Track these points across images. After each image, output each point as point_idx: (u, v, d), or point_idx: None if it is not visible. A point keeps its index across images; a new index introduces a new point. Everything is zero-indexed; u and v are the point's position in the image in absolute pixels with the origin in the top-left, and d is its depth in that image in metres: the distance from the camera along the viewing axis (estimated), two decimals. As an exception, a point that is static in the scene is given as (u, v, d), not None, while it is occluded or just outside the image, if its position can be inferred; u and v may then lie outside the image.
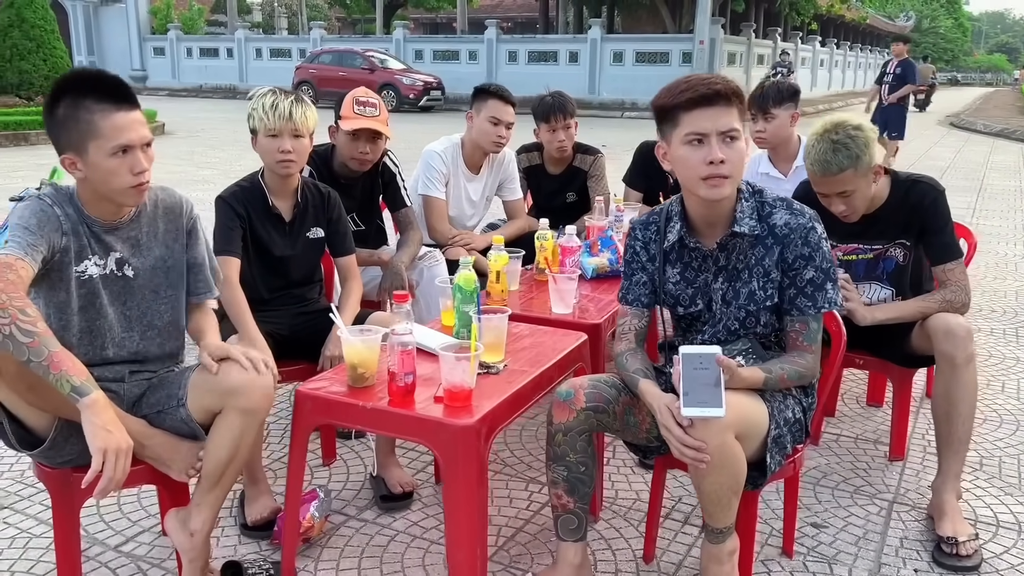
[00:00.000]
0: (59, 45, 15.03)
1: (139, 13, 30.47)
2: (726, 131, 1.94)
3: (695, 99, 1.94)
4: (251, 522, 2.46)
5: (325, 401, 1.98)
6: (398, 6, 36.29)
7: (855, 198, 2.56)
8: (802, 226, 2.04)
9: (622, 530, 2.53)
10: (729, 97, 1.95)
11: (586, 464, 2.10)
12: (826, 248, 2.06)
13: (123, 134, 1.91)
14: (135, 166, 1.93)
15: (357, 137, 3.06)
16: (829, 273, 2.05)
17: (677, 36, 24.65)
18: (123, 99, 1.94)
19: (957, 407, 2.46)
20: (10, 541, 2.42)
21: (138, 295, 2.11)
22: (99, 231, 2.03)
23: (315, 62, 23.54)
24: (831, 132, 2.51)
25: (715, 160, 1.93)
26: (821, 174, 2.53)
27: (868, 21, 42.61)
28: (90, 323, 2.05)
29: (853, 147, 2.48)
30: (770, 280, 2.07)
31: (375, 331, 2.03)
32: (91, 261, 2.02)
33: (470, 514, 1.86)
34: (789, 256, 2.04)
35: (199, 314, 2.26)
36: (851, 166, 2.48)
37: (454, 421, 1.84)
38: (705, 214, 2.08)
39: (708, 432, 1.83)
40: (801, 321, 2.07)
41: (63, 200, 2.00)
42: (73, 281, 2.00)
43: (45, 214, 1.93)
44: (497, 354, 2.18)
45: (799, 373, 2.03)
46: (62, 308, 2.00)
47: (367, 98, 3.10)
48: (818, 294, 2.05)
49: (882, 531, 2.55)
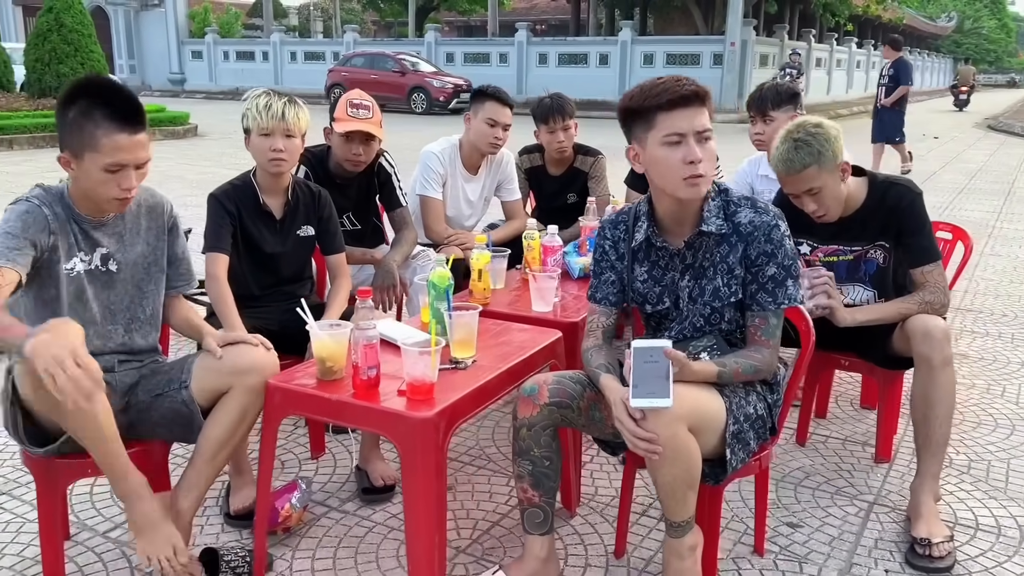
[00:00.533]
0: (96, 49, 15.34)
1: (178, 17, 31.02)
2: (701, 131, 1.99)
3: (673, 100, 1.98)
4: (234, 511, 2.53)
5: (293, 393, 2.04)
6: (431, 9, 36.51)
7: (824, 196, 2.57)
8: (766, 224, 2.07)
9: (597, 526, 2.56)
10: (702, 98, 2.00)
11: (551, 459, 2.14)
12: (789, 246, 2.08)
13: (119, 155, 2.00)
14: (123, 183, 2.03)
15: (350, 139, 3.13)
16: (791, 270, 2.08)
17: (708, 38, 24.52)
18: (131, 121, 2.02)
19: (934, 408, 2.46)
20: (4, 525, 2.52)
21: (121, 289, 2.21)
22: (88, 227, 2.14)
23: (347, 65, 23.79)
24: (792, 132, 2.57)
25: (695, 160, 1.97)
26: (785, 173, 2.57)
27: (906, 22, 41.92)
28: (78, 317, 2.12)
29: (814, 143, 2.51)
30: (734, 277, 2.10)
31: (344, 326, 2.09)
32: (78, 258, 2.12)
33: (428, 505, 1.91)
34: (752, 253, 2.07)
35: (180, 305, 2.39)
36: (813, 162, 2.51)
37: (413, 414, 1.89)
38: (675, 213, 2.11)
39: (659, 424, 1.86)
40: (761, 316, 2.09)
41: (53, 199, 2.10)
42: (62, 278, 2.10)
43: (31, 215, 2.03)
44: (468, 350, 2.22)
45: (754, 368, 2.06)
46: (52, 304, 2.10)
47: (360, 100, 3.17)
48: (778, 290, 2.07)
49: (858, 532, 2.55)
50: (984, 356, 4.18)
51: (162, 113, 15.58)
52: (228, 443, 2.18)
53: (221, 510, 2.60)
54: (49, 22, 14.73)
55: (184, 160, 11.82)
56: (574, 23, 34.33)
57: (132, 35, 31.86)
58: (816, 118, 2.61)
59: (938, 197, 9.33)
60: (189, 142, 14.56)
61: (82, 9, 15.36)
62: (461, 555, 2.40)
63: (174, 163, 11.43)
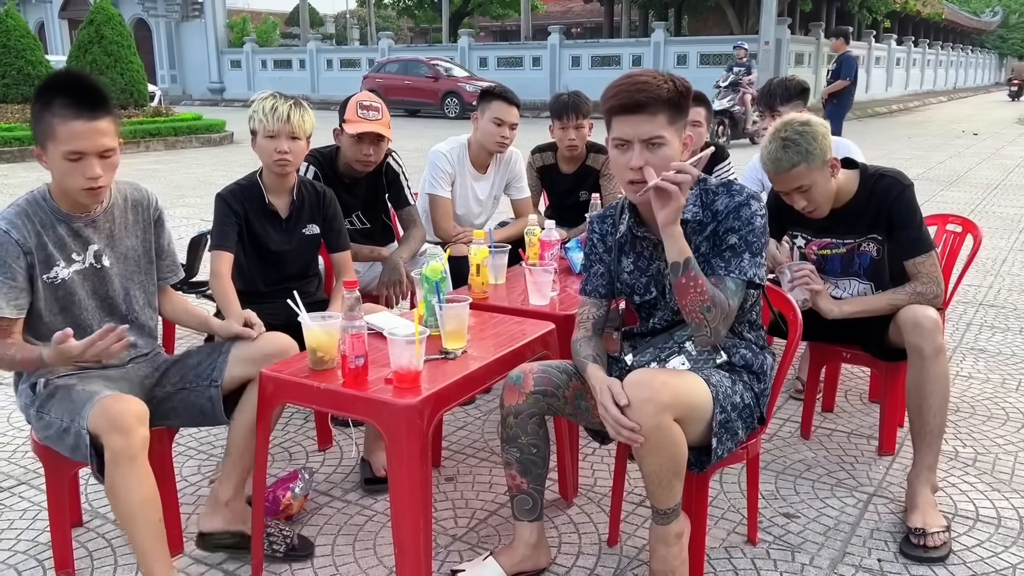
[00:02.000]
0: (135, 60, 15.74)
1: (217, 28, 31.59)
2: (648, 139, 1.99)
3: (617, 107, 2.00)
4: (238, 500, 2.61)
5: (285, 382, 2.11)
6: (464, 15, 36.73)
7: (814, 192, 2.58)
8: (737, 204, 2.07)
9: (593, 515, 2.60)
10: (652, 105, 1.97)
11: (538, 446, 2.18)
12: (758, 225, 2.06)
13: (75, 141, 2.00)
14: (87, 171, 2.03)
15: (361, 140, 3.20)
16: (752, 247, 2.04)
17: (742, 37, 24.32)
18: (88, 107, 2.00)
19: (927, 399, 2.45)
20: (21, 513, 2.63)
21: (115, 283, 2.26)
22: (78, 226, 2.17)
23: (382, 71, 24.02)
24: (780, 131, 2.56)
25: (633, 167, 1.99)
26: (775, 172, 2.57)
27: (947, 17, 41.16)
28: (73, 319, 2.19)
29: (801, 142, 2.51)
30: (701, 255, 2.08)
31: (334, 317, 2.15)
32: (59, 266, 2.14)
33: (412, 489, 1.96)
34: (720, 229, 2.08)
35: (172, 297, 2.49)
36: (802, 161, 2.51)
37: (398, 401, 1.95)
38: (649, 205, 2.14)
39: (643, 413, 1.89)
40: (716, 277, 2.03)
41: (33, 206, 2.11)
42: (43, 290, 2.13)
43: (4, 248, 2.04)
44: (458, 341, 2.27)
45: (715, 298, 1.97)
46: (38, 316, 2.13)
47: (370, 102, 3.24)
48: (733, 259, 2.04)
49: (854, 522, 2.55)
50: (1002, 351, 4.13)
51: (198, 121, 15.91)
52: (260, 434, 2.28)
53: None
54: (90, 34, 15.16)
55: (219, 166, 12.06)
56: (607, 25, 34.28)
57: (173, 45, 32.54)
58: (804, 115, 2.61)
59: (969, 193, 9.18)
60: (225, 149, 14.85)
61: (122, 21, 15.77)
62: (457, 543, 2.45)
63: (209, 169, 11.68)
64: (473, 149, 3.75)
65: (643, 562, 2.34)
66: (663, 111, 1.99)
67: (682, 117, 2.05)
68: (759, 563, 2.35)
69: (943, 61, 42.75)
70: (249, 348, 2.29)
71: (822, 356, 3.06)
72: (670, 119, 2.01)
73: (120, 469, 1.89)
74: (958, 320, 4.61)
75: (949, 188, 9.60)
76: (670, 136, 2.01)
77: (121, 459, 1.88)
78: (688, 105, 2.08)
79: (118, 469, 1.89)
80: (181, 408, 2.32)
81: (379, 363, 2.13)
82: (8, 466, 2.94)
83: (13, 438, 3.17)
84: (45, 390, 2.10)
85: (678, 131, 2.05)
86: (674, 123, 2.02)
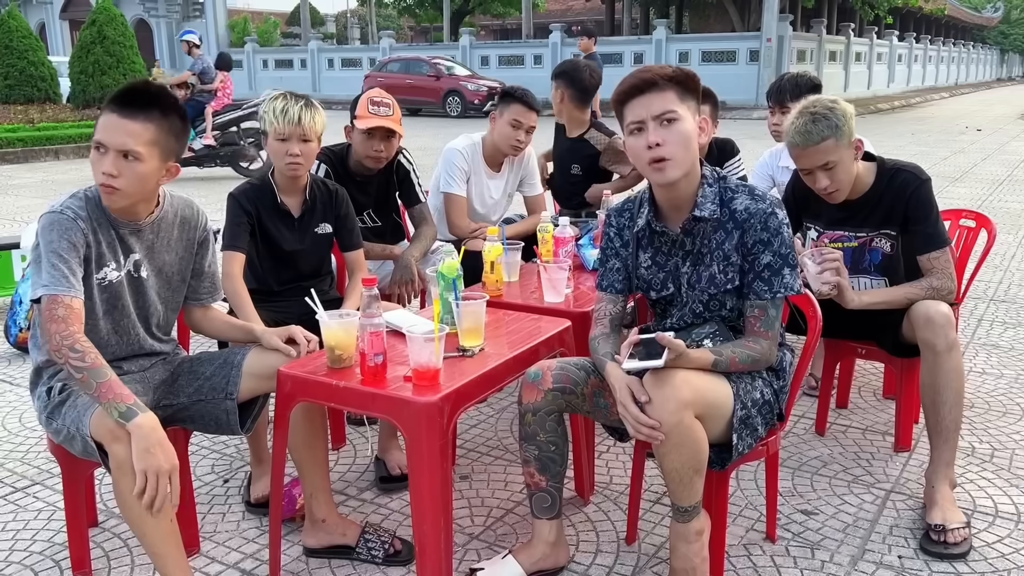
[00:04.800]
0: (138, 60, 15.73)
1: (218, 27, 31.60)
2: (660, 114, 1.99)
3: (627, 91, 2.02)
4: (254, 499, 2.61)
5: (303, 380, 2.10)
6: (466, 13, 36.71)
7: (839, 171, 2.56)
8: (762, 211, 2.07)
9: (610, 513, 2.59)
10: (659, 83, 2.01)
11: (556, 444, 2.17)
12: (786, 234, 2.08)
13: (101, 132, 2.02)
14: (101, 165, 2.02)
15: (372, 136, 3.19)
16: (787, 259, 2.07)
17: (744, 35, 24.31)
18: (127, 105, 2.03)
19: (942, 394, 2.44)
20: (37, 513, 2.62)
21: (149, 295, 2.25)
22: (125, 233, 2.16)
23: (383, 70, 24.01)
24: (809, 107, 2.55)
25: (651, 144, 1.98)
26: (803, 145, 2.54)
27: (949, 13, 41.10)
28: (115, 324, 2.20)
29: (832, 117, 2.50)
30: (730, 264, 2.10)
31: (352, 314, 2.14)
32: (109, 268, 2.13)
33: (433, 487, 1.95)
34: (748, 241, 2.07)
35: (211, 313, 2.44)
36: (832, 135, 2.50)
37: (418, 398, 1.93)
38: (667, 198, 2.13)
39: (664, 411, 1.88)
40: (759, 307, 2.09)
41: (90, 204, 2.11)
42: (95, 288, 2.12)
43: (70, 231, 2.02)
44: (476, 338, 2.26)
45: (752, 358, 2.05)
46: (88, 313, 2.09)
47: (381, 98, 3.23)
48: (774, 279, 2.07)
49: (873, 519, 2.54)
50: (1015, 346, 4.11)
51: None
52: (315, 444, 2.33)
53: (242, 498, 2.67)
54: (92, 35, 15.15)
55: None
56: (609, 23, 34.27)
57: (174, 45, 32.50)
58: (830, 96, 2.61)
59: (976, 189, 9.16)
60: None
61: (124, 22, 15.77)
62: (474, 541, 2.44)
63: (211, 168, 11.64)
64: (487, 148, 3.74)
65: (662, 560, 2.33)
66: (671, 88, 2.01)
67: (692, 97, 2.06)
68: (779, 560, 2.33)
69: (945, 57, 42.71)
70: (261, 363, 2.25)
71: (837, 352, 3.05)
72: (680, 96, 2.02)
73: (126, 477, 1.86)
74: (969, 316, 4.60)
75: (955, 184, 9.58)
76: (683, 112, 2.01)
77: (126, 467, 1.86)
78: (698, 88, 2.08)
79: (124, 477, 1.87)
80: (198, 417, 2.31)
81: (396, 361, 2.12)
82: (22, 466, 2.94)
83: (26, 438, 3.16)
84: (59, 396, 2.08)
85: (691, 109, 2.05)
86: (684, 101, 2.03)
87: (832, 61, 27.21)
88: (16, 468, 2.93)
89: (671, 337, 1.87)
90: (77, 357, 1.90)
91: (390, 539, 2.36)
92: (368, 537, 2.35)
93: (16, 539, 2.48)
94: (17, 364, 4.01)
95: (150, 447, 1.84)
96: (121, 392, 1.90)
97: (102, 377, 1.90)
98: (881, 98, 28.58)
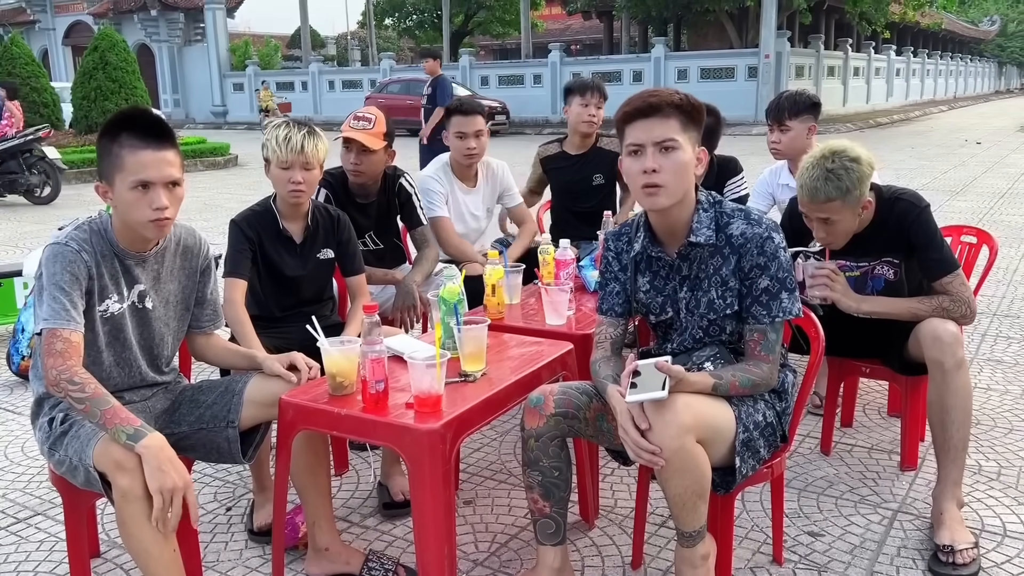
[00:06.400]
0: (139, 85, 15.80)
1: (219, 52, 31.79)
2: (660, 141, 2.00)
3: (631, 112, 2.02)
4: (257, 528, 2.59)
5: (305, 408, 2.09)
6: (465, 34, 36.94)
7: (837, 227, 2.56)
8: (758, 235, 2.07)
9: (615, 537, 2.57)
10: (665, 109, 2.01)
11: (560, 469, 2.15)
12: (783, 258, 2.07)
13: (144, 170, 2.02)
14: (154, 202, 2.03)
15: (348, 149, 3.23)
16: (785, 283, 2.06)
17: (742, 51, 24.40)
18: (155, 137, 2.05)
19: (950, 413, 2.43)
20: (38, 544, 2.61)
21: (154, 325, 2.25)
22: (130, 263, 2.16)
23: (383, 92, 24.12)
24: (828, 159, 2.48)
25: (647, 169, 1.99)
26: (809, 199, 2.53)
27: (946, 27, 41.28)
28: (117, 356, 2.19)
29: (845, 179, 2.46)
30: (729, 289, 2.10)
31: (353, 341, 2.14)
32: (111, 300, 2.13)
33: (436, 515, 1.94)
34: (745, 265, 2.07)
35: (213, 340, 2.43)
36: (839, 197, 2.48)
37: (420, 426, 1.93)
38: (661, 224, 2.13)
39: (665, 435, 1.87)
40: (758, 331, 2.08)
41: (95, 236, 2.11)
42: (97, 320, 2.12)
43: (74, 264, 2.02)
44: (478, 363, 2.25)
45: (752, 382, 2.04)
46: (90, 345, 2.10)
47: (363, 114, 3.27)
48: (772, 303, 2.06)
49: (880, 540, 2.52)
50: (1019, 361, 4.10)
51: (203, 144, 15.99)
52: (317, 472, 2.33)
53: (245, 526, 2.66)
54: (94, 60, 15.23)
55: (224, 189, 12.10)
56: (607, 42, 34.46)
57: (176, 70, 32.77)
58: (856, 150, 2.51)
59: (977, 202, 9.16)
60: (229, 172, 14.90)
61: (126, 47, 15.86)
62: (478, 568, 2.43)
63: (215, 192, 11.71)
64: (455, 166, 3.83)
65: (668, 584, 2.31)
66: (675, 116, 2.01)
67: (695, 128, 2.06)
68: (786, 583, 2.32)
69: (943, 70, 42.86)
70: (263, 391, 2.24)
71: (841, 370, 3.04)
72: (683, 125, 2.02)
73: (130, 507, 1.86)
74: (972, 330, 4.58)
75: (956, 197, 9.58)
76: (683, 142, 2.01)
77: (130, 497, 1.85)
78: (701, 121, 2.09)
79: (128, 506, 1.86)
80: (199, 446, 2.30)
81: (398, 388, 2.11)
82: (24, 496, 2.93)
83: (28, 468, 3.15)
84: (61, 427, 2.07)
85: (691, 140, 2.05)
86: (687, 131, 2.03)
87: (831, 76, 27.31)
88: (18, 498, 2.91)
89: (670, 364, 1.86)
90: (76, 388, 1.90)
91: (394, 567, 2.34)
92: (372, 565, 2.34)
93: (18, 571, 2.46)
94: (19, 392, 4.00)
95: (161, 465, 1.84)
96: (127, 416, 1.90)
97: (105, 404, 1.90)
98: (880, 112, 28.65)
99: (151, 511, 1.85)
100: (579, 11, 33.23)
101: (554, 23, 46.15)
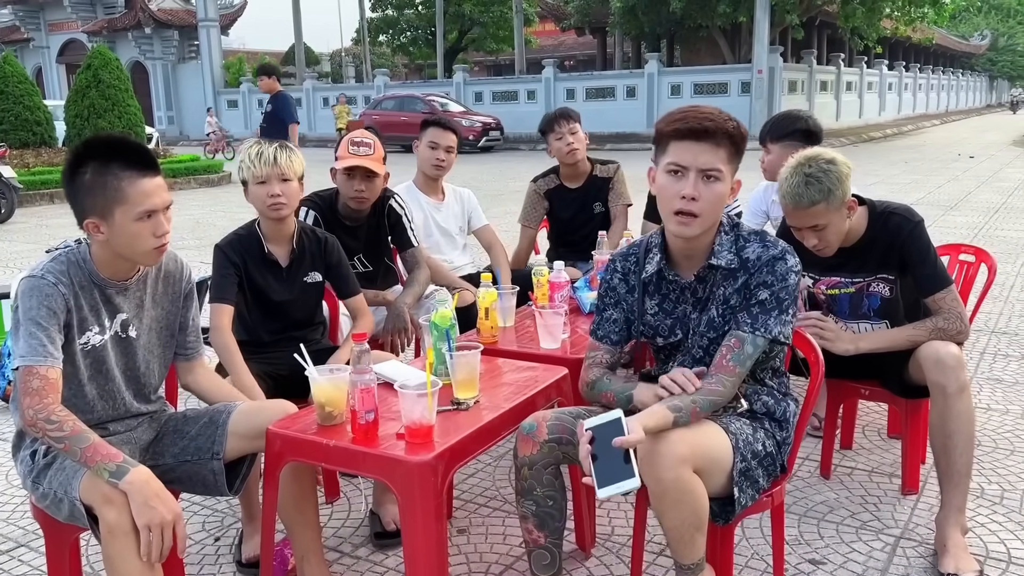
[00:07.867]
0: (133, 103, 15.77)
1: (213, 69, 31.85)
2: (706, 169, 1.94)
3: (683, 131, 1.95)
4: (245, 559, 2.53)
5: (292, 440, 2.04)
6: (459, 50, 37.04)
7: (828, 232, 2.52)
8: (772, 257, 2.02)
9: (612, 567, 2.51)
10: (717, 136, 1.94)
11: (554, 498, 2.10)
12: (792, 282, 2.02)
13: (149, 200, 1.98)
14: (158, 229, 2.01)
15: (352, 176, 3.19)
16: (783, 305, 2.01)
17: (735, 67, 24.52)
18: (147, 166, 2.01)
19: (953, 438, 2.38)
20: (20, 577, 2.54)
21: (138, 355, 2.19)
22: (111, 292, 2.10)
23: (378, 108, 24.18)
24: (804, 166, 2.48)
25: (686, 195, 1.94)
26: (793, 207, 2.50)
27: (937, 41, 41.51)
28: (100, 388, 2.13)
29: (825, 181, 2.45)
30: (729, 308, 2.05)
31: (342, 370, 2.09)
32: (92, 332, 2.07)
33: (428, 550, 1.88)
34: (752, 283, 2.03)
35: (200, 368, 2.37)
36: (822, 200, 2.45)
37: (410, 458, 1.87)
38: (683, 247, 2.08)
39: (662, 467, 1.82)
40: (737, 337, 2.00)
41: (73, 267, 2.04)
42: (78, 354, 2.06)
43: (51, 298, 1.96)
44: (470, 390, 2.20)
45: (712, 403, 1.97)
46: (71, 379, 2.04)
47: (362, 139, 3.23)
48: (762, 316, 2.00)
49: (883, 568, 2.46)
50: (1019, 380, 4.05)
51: (197, 162, 15.96)
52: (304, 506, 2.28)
53: (233, 558, 2.59)
54: (88, 78, 15.20)
55: (218, 207, 12.05)
56: (601, 58, 34.60)
57: (170, 87, 32.81)
58: (830, 153, 2.52)
59: (972, 217, 9.15)
60: (223, 189, 14.85)
61: (119, 65, 15.85)
62: (472, 600, 2.36)
63: (208, 210, 11.66)
64: (419, 180, 3.86)
65: (667, 616, 2.25)
66: (725, 145, 1.96)
67: (738, 159, 2.02)
68: (787, 614, 2.26)
69: (935, 85, 43.12)
70: (247, 423, 2.17)
71: (840, 393, 2.99)
72: (729, 156, 1.97)
73: (117, 542, 1.80)
74: (971, 349, 4.54)
75: (950, 212, 9.58)
76: (726, 173, 1.97)
77: (117, 532, 1.79)
78: (743, 151, 2.03)
79: (115, 541, 1.80)
80: (185, 478, 2.23)
81: (388, 416, 2.06)
82: (7, 527, 2.86)
83: (12, 497, 3.08)
84: (44, 459, 2.01)
85: (731, 172, 2.01)
86: (731, 162, 1.99)
87: (823, 91, 27.43)
88: (1, 529, 2.84)
89: (627, 438, 1.76)
90: (54, 427, 1.85)
91: None
92: None
93: (-2, 606, 2.39)
94: (5, 417, 3.93)
95: (148, 500, 1.79)
96: (108, 452, 1.84)
97: (84, 442, 1.84)
98: (873, 126, 28.77)
99: (139, 545, 1.79)
100: (573, 27, 33.30)
101: (548, 39, 46.29)
